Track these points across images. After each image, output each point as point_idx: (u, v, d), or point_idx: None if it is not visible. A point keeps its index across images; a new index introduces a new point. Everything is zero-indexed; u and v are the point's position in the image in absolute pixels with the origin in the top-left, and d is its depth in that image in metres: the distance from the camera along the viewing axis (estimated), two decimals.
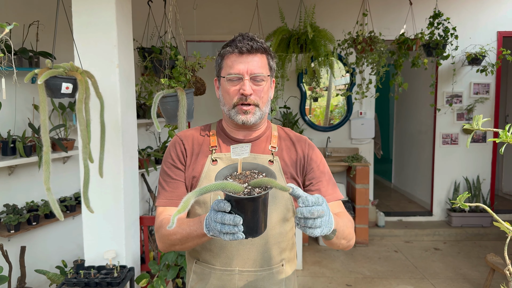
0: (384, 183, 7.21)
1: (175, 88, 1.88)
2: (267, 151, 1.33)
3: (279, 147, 1.34)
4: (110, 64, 2.24)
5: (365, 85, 3.81)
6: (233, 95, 1.24)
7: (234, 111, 1.25)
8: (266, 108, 1.30)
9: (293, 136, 1.39)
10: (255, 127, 1.33)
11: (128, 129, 2.40)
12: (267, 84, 1.28)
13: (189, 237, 1.10)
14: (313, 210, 0.94)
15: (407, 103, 6.24)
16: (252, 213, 0.93)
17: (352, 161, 4.54)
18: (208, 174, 1.26)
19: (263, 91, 1.26)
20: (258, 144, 1.34)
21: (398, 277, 3.85)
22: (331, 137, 5.09)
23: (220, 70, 1.30)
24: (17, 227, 2.83)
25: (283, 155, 1.33)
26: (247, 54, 1.23)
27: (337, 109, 5.41)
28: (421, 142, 5.69)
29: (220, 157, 1.29)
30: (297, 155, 1.34)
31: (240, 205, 0.92)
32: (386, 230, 4.87)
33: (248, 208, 0.92)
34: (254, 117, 1.25)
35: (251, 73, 1.22)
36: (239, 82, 1.23)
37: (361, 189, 4.50)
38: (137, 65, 3.33)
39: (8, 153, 2.86)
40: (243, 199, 0.90)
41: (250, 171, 1.03)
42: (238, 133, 1.33)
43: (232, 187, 0.89)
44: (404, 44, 4.11)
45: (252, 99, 1.23)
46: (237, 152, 1.03)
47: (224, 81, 1.26)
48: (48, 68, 1.87)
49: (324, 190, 1.31)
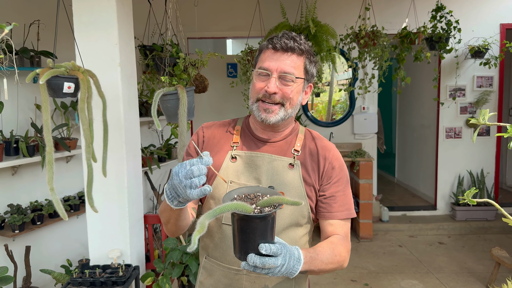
0: (387, 178, 7.20)
1: (176, 86, 1.86)
2: (289, 154, 1.28)
3: (303, 151, 1.30)
4: (111, 63, 2.23)
5: (368, 79, 3.78)
6: (258, 90, 1.20)
7: (256, 106, 1.22)
8: (292, 111, 1.24)
9: (319, 142, 1.33)
10: (279, 128, 1.29)
11: (131, 127, 2.40)
12: (298, 86, 1.22)
13: (165, 210, 1.13)
14: (265, 262, 0.92)
15: (409, 97, 6.21)
16: (261, 232, 0.92)
17: (356, 156, 4.53)
18: (226, 171, 1.24)
19: (290, 92, 1.20)
20: (280, 145, 1.30)
21: (403, 271, 3.84)
22: (334, 133, 5.08)
23: (256, 63, 1.27)
24: (21, 227, 2.83)
25: (306, 160, 1.28)
26: (281, 52, 1.19)
27: (339, 104, 5.40)
28: (424, 136, 5.67)
29: (240, 155, 1.27)
30: (318, 163, 1.29)
31: (251, 224, 0.91)
32: (390, 225, 4.86)
33: (258, 227, 0.91)
34: (276, 117, 1.20)
35: (281, 71, 1.18)
36: (266, 78, 1.19)
37: (364, 184, 4.49)
38: (138, 63, 3.32)
39: (11, 153, 2.86)
40: (254, 218, 0.90)
41: (254, 194, 1.03)
42: (263, 133, 1.30)
43: (243, 208, 0.89)
44: (406, 38, 4.08)
45: (276, 98, 1.19)
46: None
47: (254, 74, 1.24)
48: (49, 67, 1.86)
49: (335, 208, 1.27)
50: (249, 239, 0.91)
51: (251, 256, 0.91)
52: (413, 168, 6.15)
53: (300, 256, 1.01)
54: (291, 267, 0.98)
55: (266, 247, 0.91)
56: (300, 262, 1.00)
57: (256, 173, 1.25)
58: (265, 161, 1.25)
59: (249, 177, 1.25)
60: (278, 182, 1.22)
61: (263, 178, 1.24)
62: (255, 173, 1.25)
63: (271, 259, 0.92)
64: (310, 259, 1.07)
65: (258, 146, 1.30)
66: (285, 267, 0.96)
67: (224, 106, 5.19)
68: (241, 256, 0.94)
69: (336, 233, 1.27)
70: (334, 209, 1.26)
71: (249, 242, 0.92)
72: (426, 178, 5.63)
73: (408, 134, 6.38)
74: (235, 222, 0.93)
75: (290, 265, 0.97)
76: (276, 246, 0.93)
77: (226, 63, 5.11)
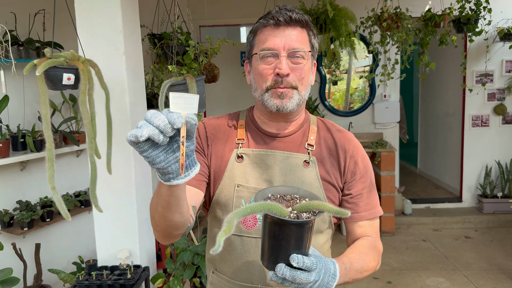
0: (409, 168, 6.95)
1: (184, 76, 1.70)
2: (302, 149, 1.11)
3: (318, 145, 1.13)
4: (115, 52, 2.09)
5: (391, 65, 3.56)
6: (267, 76, 1.02)
7: (268, 95, 1.03)
8: (305, 93, 1.07)
9: (335, 133, 1.16)
10: (291, 117, 1.11)
11: (138, 120, 2.26)
12: (308, 63, 1.06)
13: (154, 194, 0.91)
14: (296, 276, 0.79)
15: (433, 84, 5.93)
16: (296, 241, 0.80)
17: (377, 147, 4.32)
18: (232, 173, 1.08)
19: (303, 71, 1.03)
20: (293, 140, 1.12)
21: (427, 268, 3.65)
22: (353, 122, 4.86)
23: (252, 48, 1.09)
24: (30, 224, 2.75)
25: (322, 156, 1.11)
26: (284, 26, 1.02)
27: (357, 92, 5.17)
28: (449, 125, 5.41)
29: (247, 154, 1.09)
30: (338, 158, 1.12)
31: (285, 230, 0.79)
32: (413, 218, 4.66)
33: (293, 234, 0.80)
34: (291, 103, 1.03)
35: (289, 48, 1.01)
36: (274, 60, 1.02)
37: (386, 176, 4.29)
38: (146, 52, 3.17)
39: (19, 148, 2.77)
40: (290, 223, 0.78)
41: (291, 196, 0.90)
42: (271, 125, 1.12)
43: (278, 210, 0.77)
44: (431, 21, 3.83)
45: (290, 81, 1.01)
46: (180, 103, 0.72)
47: (256, 59, 1.05)
48: (47, 58, 1.72)
49: (362, 207, 1.12)
50: (280, 246, 0.80)
51: (280, 266, 0.79)
52: (437, 158, 5.90)
53: (336, 271, 0.88)
54: (325, 284, 0.84)
55: (299, 259, 0.79)
56: (336, 278, 0.86)
57: (267, 174, 1.08)
58: (277, 160, 1.08)
59: (259, 179, 1.08)
60: (294, 184, 1.06)
61: (276, 179, 1.07)
62: (265, 174, 1.08)
63: (304, 273, 0.80)
64: (345, 271, 0.93)
65: (266, 143, 1.12)
66: (318, 283, 0.83)
67: (238, 96, 5.02)
68: (268, 265, 0.83)
69: (367, 234, 1.13)
70: (362, 209, 1.11)
71: (280, 250, 0.80)
72: (451, 168, 5.38)
73: (431, 122, 6.11)
74: (267, 225, 0.82)
75: (324, 281, 0.84)
76: (310, 260, 0.80)
77: (239, 51, 4.92)
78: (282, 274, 0.79)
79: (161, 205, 0.86)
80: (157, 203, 0.88)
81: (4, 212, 2.73)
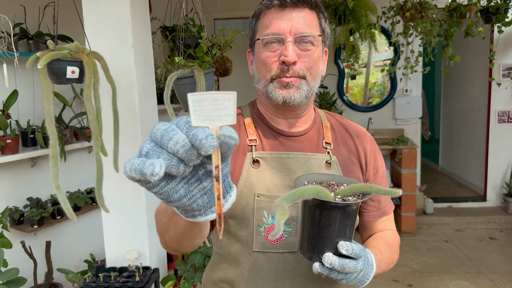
0: (430, 166, 6.73)
1: (192, 68, 1.59)
2: (321, 149, 0.99)
3: (335, 143, 1.01)
4: (123, 44, 1.99)
5: (414, 58, 3.38)
6: (271, 65, 0.91)
7: (272, 86, 0.91)
8: (315, 84, 0.95)
9: (349, 127, 1.05)
10: (300, 112, 0.98)
11: (148, 116, 2.16)
12: (318, 50, 0.93)
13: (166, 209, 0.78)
14: (345, 265, 0.72)
15: (456, 77, 5.70)
16: (343, 227, 0.77)
17: (397, 144, 4.15)
18: (249, 180, 0.93)
19: (312, 59, 0.91)
20: (310, 139, 1.00)
21: (450, 271, 3.49)
22: (373, 118, 4.69)
23: (254, 34, 0.97)
24: (40, 222, 2.69)
25: (341, 154, 1.00)
26: (291, 8, 0.90)
27: (376, 87, 4.99)
28: (473, 121, 5.18)
29: (264, 157, 0.96)
30: (358, 155, 1.02)
31: (332, 216, 0.75)
32: (435, 218, 4.47)
33: (340, 220, 0.76)
34: (299, 94, 0.91)
35: (296, 32, 0.89)
36: (279, 46, 0.90)
37: (407, 174, 4.11)
38: (157, 45, 3.08)
39: (28, 144, 2.71)
40: (337, 207, 0.74)
41: (327, 182, 0.85)
42: (279, 122, 1.00)
43: (325, 194, 0.72)
44: (456, 11, 3.63)
45: (297, 70, 0.89)
46: (206, 110, 0.47)
47: (258, 46, 0.93)
48: (50, 50, 1.63)
49: (383, 203, 1.03)
50: (327, 234, 0.76)
51: (328, 256, 0.74)
52: (460, 155, 5.67)
53: (373, 261, 0.82)
54: (366, 274, 0.79)
55: (348, 246, 0.75)
56: (373, 268, 0.81)
57: (289, 179, 0.95)
58: (300, 162, 0.96)
59: (281, 185, 0.95)
60: None
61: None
62: (288, 180, 0.95)
63: (352, 261, 0.75)
64: (378, 261, 0.86)
65: (281, 143, 0.99)
66: (362, 273, 0.78)
67: (253, 89, 4.88)
68: (313, 256, 0.78)
69: (387, 228, 1.06)
70: (383, 205, 1.04)
71: (327, 238, 0.76)
72: (475, 166, 5.16)
73: (454, 118, 5.88)
74: (308, 212, 0.77)
75: (366, 271, 0.79)
76: (358, 246, 0.76)
77: None
78: (331, 264, 0.73)
79: (176, 232, 0.75)
80: (169, 226, 0.76)
81: (14, 209, 2.68)
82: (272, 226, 0.93)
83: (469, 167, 5.36)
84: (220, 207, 0.50)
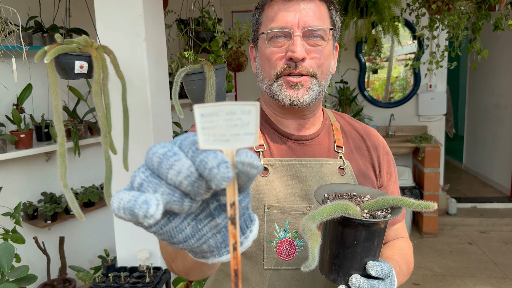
0: (453, 164, 6.51)
1: (202, 63, 1.51)
2: (332, 154, 0.90)
3: (346, 146, 0.92)
4: (135, 38, 1.92)
5: (440, 53, 3.23)
6: (276, 61, 0.82)
7: (277, 85, 0.82)
8: (325, 84, 0.86)
9: (360, 129, 0.96)
10: (308, 113, 0.89)
11: (160, 112, 2.09)
12: (329, 45, 0.84)
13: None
14: (374, 287, 0.67)
15: (482, 73, 5.47)
16: (372, 246, 0.69)
17: (420, 142, 3.99)
18: (257, 191, 0.85)
19: (322, 55, 0.82)
20: (320, 143, 0.91)
21: (474, 275, 3.34)
22: (394, 114, 4.53)
23: (258, 28, 0.88)
24: (54, 217, 2.67)
25: (354, 158, 0.91)
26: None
27: (398, 82, 4.82)
28: (499, 117, 4.97)
29: (273, 165, 0.87)
30: (371, 159, 0.93)
31: (360, 234, 0.68)
32: (458, 219, 4.31)
33: (369, 238, 0.69)
34: (309, 95, 0.82)
35: (305, 25, 0.80)
36: (286, 41, 0.81)
37: (430, 173, 3.96)
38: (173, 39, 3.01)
39: (43, 139, 2.69)
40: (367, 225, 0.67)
41: (349, 194, 0.77)
42: (286, 124, 0.90)
43: (353, 210, 0.66)
44: (484, 3, 3.44)
45: (306, 67, 0.80)
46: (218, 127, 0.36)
47: (262, 41, 0.84)
48: (58, 43, 1.58)
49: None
50: (353, 254, 0.69)
51: (356, 278, 0.68)
52: (485, 153, 5.46)
53: (395, 276, 0.75)
54: None
55: (377, 267, 0.68)
56: (395, 284, 0.75)
57: (302, 188, 0.86)
58: (312, 169, 0.87)
59: (292, 195, 0.86)
60: None
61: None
62: (301, 189, 0.86)
63: (381, 282, 0.69)
64: (397, 275, 0.80)
65: (291, 148, 0.90)
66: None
67: None
68: (337, 278, 0.71)
69: (400, 236, 0.98)
70: (400, 214, 0.95)
71: (353, 258, 0.69)
72: (501, 165, 4.95)
73: (479, 115, 5.66)
74: (330, 229, 0.70)
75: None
76: (387, 266, 0.70)
77: None
78: (359, 287, 0.66)
79: (183, 266, 0.68)
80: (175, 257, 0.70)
81: (28, 204, 2.67)
82: (285, 241, 0.85)
83: (495, 166, 5.15)
84: (237, 261, 0.37)
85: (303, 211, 0.85)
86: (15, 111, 2.44)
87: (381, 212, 0.71)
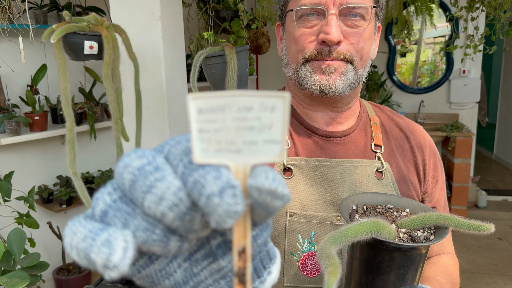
0: (483, 153, 6.23)
1: (222, 45, 1.38)
2: (369, 154, 0.77)
3: (386, 145, 0.79)
4: (150, 16, 1.79)
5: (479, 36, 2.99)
6: (305, 44, 0.69)
7: (306, 70, 0.69)
8: (364, 72, 0.73)
9: (403, 125, 0.82)
10: (342, 105, 0.76)
11: (176, 97, 1.98)
12: (370, 26, 0.70)
13: None
14: None
15: None
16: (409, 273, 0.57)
17: (451, 131, 3.77)
18: None
19: (362, 38, 0.69)
20: (355, 140, 0.78)
21: (504, 273, 3.17)
22: (424, 101, 4.29)
23: (286, 4, 0.74)
24: (69, 202, 2.62)
25: (395, 159, 0.78)
26: None
27: (425, 66, 4.56)
28: None
29: (298, 165, 0.74)
30: (415, 160, 0.79)
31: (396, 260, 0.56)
32: (488, 212, 4.10)
33: (406, 265, 0.56)
34: (342, 82, 0.69)
35: (342, 2, 0.66)
36: (318, 20, 0.68)
37: (460, 164, 3.75)
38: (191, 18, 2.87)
39: (58, 121, 2.62)
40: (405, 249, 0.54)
41: (383, 206, 0.65)
42: (316, 117, 0.77)
43: (387, 231, 0.53)
44: None
45: (342, 51, 0.67)
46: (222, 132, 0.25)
47: (291, 19, 0.71)
48: (66, 22, 1.46)
49: None
50: (386, 283, 0.57)
51: None
52: None
53: None
54: None
55: None
56: None
57: (331, 194, 0.74)
58: (345, 173, 0.74)
59: (320, 202, 0.73)
60: None
61: None
62: (330, 194, 0.74)
63: None
64: None
65: (320, 146, 0.76)
66: None
67: None
68: None
69: (446, 251, 0.84)
70: None
71: (385, 286, 0.58)
72: None
73: None
74: (358, 251, 0.59)
75: None
76: None
77: None
78: None
79: None
80: None
81: (44, 188, 2.62)
82: (309, 254, 0.73)
83: None
84: None
85: (332, 220, 0.73)
86: (29, 93, 2.37)
87: (422, 232, 0.59)
